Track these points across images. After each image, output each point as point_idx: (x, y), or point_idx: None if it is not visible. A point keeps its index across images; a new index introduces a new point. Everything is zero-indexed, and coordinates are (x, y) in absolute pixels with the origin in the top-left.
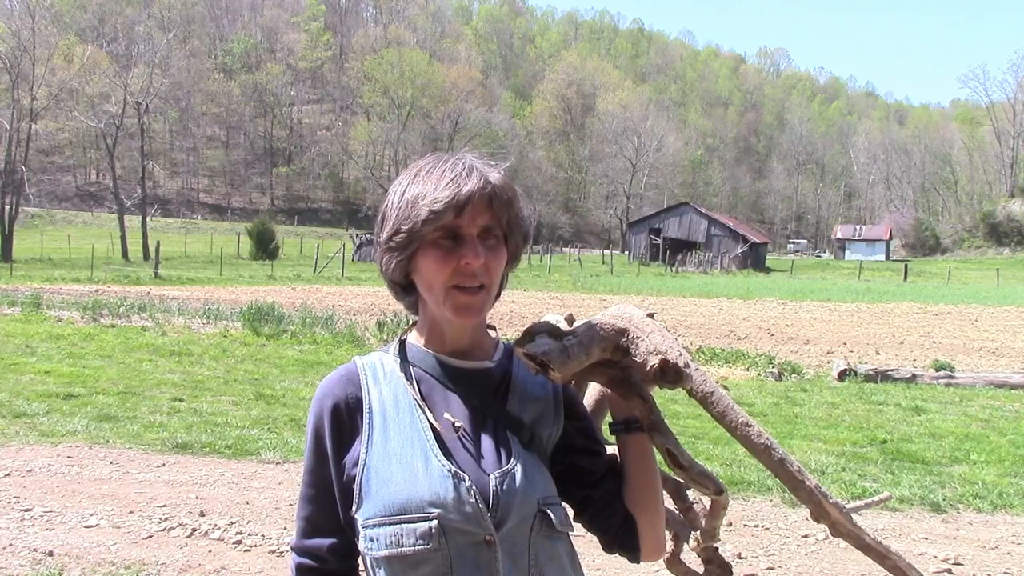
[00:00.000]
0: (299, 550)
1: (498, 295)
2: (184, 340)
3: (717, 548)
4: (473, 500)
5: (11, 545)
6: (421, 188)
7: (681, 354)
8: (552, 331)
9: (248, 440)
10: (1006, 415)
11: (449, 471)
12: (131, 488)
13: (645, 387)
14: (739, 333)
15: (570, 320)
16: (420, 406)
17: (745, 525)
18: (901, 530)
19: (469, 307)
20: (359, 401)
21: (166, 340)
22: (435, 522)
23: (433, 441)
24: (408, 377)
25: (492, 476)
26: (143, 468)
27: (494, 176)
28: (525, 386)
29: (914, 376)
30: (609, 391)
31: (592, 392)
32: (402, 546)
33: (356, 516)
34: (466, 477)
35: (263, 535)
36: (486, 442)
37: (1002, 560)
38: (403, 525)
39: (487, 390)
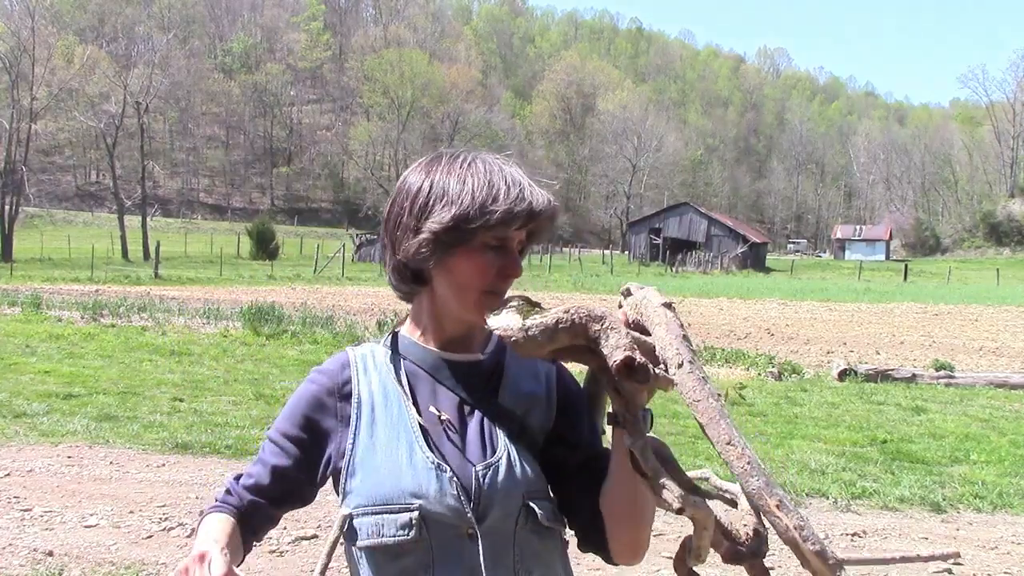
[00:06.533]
0: (239, 483)
1: None
2: (184, 340)
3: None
4: (455, 492)
5: (11, 545)
6: (489, 191)
7: (678, 352)
8: (520, 306)
9: (248, 440)
10: (1006, 415)
11: (432, 463)
12: (131, 488)
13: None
14: (739, 333)
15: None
16: (406, 398)
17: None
18: (901, 530)
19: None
20: (349, 395)
21: (166, 340)
22: (416, 513)
23: (419, 433)
24: (397, 369)
25: (475, 468)
26: (143, 468)
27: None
28: (517, 379)
29: (914, 376)
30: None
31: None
32: (383, 536)
33: (340, 509)
34: (448, 469)
35: None
36: (472, 434)
37: (1002, 560)
38: (385, 515)
39: (477, 382)
